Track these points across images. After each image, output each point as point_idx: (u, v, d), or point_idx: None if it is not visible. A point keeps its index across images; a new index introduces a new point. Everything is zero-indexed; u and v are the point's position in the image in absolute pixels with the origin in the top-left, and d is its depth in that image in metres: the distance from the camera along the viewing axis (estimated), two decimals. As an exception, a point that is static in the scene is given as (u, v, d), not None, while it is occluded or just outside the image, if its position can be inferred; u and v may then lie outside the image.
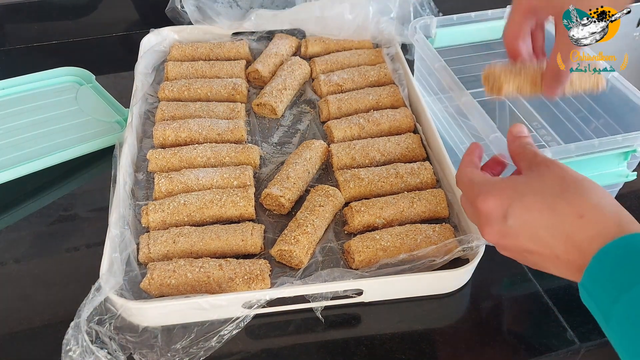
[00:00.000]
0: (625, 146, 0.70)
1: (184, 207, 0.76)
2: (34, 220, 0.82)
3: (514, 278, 0.74)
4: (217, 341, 0.64)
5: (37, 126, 0.93)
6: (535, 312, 0.70)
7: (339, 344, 0.67)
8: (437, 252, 0.70)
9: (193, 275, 0.68)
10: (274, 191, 0.77)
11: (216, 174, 0.81)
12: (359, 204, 0.77)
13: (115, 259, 0.68)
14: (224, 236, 0.73)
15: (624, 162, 0.71)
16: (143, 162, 0.86)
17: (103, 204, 0.78)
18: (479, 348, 0.66)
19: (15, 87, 1.00)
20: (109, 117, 0.95)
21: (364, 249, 0.71)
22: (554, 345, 0.67)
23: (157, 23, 1.10)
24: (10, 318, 0.70)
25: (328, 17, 1.06)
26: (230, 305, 0.65)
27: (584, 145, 0.69)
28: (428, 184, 0.82)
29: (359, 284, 0.67)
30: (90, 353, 0.60)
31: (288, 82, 0.98)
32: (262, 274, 0.69)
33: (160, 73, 1.04)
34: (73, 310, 0.62)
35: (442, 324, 0.69)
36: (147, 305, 0.64)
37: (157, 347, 0.64)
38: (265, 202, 0.79)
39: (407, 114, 0.92)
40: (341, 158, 0.85)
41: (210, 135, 0.88)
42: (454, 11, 0.95)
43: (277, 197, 0.77)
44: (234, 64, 1.02)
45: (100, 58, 1.18)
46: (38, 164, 0.86)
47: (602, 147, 0.69)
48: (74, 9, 1.20)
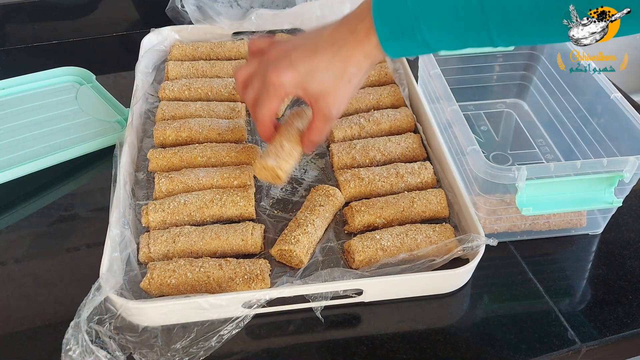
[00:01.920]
0: (610, 170, 0.67)
1: (184, 207, 0.76)
2: (34, 220, 0.82)
3: (514, 277, 0.74)
4: (217, 341, 0.64)
5: (38, 126, 0.93)
6: (535, 312, 0.70)
7: (340, 344, 0.67)
8: (437, 252, 0.70)
9: (193, 275, 0.68)
10: (271, 163, 0.74)
11: (216, 174, 0.81)
12: (359, 203, 0.77)
13: (115, 258, 0.68)
14: (224, 236, 0.73)
15: (610, 187, 0.69)
16: (143, 161, 0.86)
17: (103, 203, 0.78)
18: (480, 347, 0.66)
19: (16, 87, 1.00)
20: (109, 116, 0.95)
21: (364, 248, 0.71)
22: (554, 345, 0.67)
23: (157, 23, 1.10)
24: (11, 317, 0.70)
25: (328, 17, 1.06)
26: (230, 305, 0.65)
27: (563, 166, 0.67)
28: (428, 183, 0.82)
29: (359, 283, 0.67)
30: (90, 353, 0.60)
31: (288, 81, 0.98)
32: (262, 273, 0.69)
33: (161, 72, 1.04)
34: (73, 309, 0.62)
35: (442, 323, 0.69)
36: (147, 305, 0.64)
37: (157, 347, 0.64)
38: (261, 176, 0.76)
39: (407, 113, 0.92)
40: (341, 158, 0.85)
41: (210, 134, 0.88)
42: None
43: (273, 169, 0.74)
44: (234, 64, 1.02)
45: (101, 58, 1.18)
46: (38, 164, 0.86)
47: (584, 169, 0.67)
48: (74, 9, 1.20)
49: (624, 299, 0.72)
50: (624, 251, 0.78)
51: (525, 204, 0.67)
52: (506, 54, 0.95)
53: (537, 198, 0.68)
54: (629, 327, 0.69)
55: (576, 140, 0.85)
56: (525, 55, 0.96)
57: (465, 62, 0.96)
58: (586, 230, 0.79)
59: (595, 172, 0.67)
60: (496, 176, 0.67)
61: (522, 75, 0.98)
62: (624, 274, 0.75)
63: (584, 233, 0.79)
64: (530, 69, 0.97)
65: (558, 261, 0.77)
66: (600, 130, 0.80)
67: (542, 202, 0.68)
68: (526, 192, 0.67)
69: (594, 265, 0.76)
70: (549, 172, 0.67)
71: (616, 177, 0.67)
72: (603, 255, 0.78)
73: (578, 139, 0.85)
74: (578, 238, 0.79)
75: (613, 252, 0.78)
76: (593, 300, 0.72)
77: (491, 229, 0.76)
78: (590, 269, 0.76)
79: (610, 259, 0.77)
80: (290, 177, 0.82)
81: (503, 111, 0.99)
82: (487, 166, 0.67)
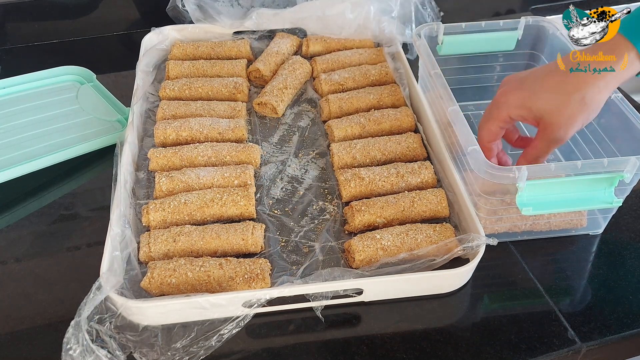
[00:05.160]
0: (611, 170, 0.67)
1: (184, 206, 0.76)
2: (34, 219, 0.82)
3: (514, 277, 0.74)
4: (217, 340, 0.64)
5: (38, 125, 0.94)
6: (536, 312, 0.70)
7: (340, 344, 0.67)
8: (437, 252, 0.70)
9: (193, 274, 0.68)
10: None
11: (217, 173, 0.81)
12: (359, 203, 0.77)
13: (115, 257, 0.69)
14: (225, 235, 0.73)
15: (611, 187, 0.68)
16: (144, 161, 0.86)
17: (104, 203, 0.78)
18: (480, 347, 0.66)
19: (16, 86, 1.00)
20: (109, 116, 0.95)
21: (365, 248, 0.71)
22: (554, 345, 0.67)
23: (158, 22, 1.10)
24: (11, 317, 0.70)
25: (329, 16, 1.06)
26: (231, 304, 0.65)
27: (564, 166, 0.67)
28: (429, 183, 0.82)
29: (359, 283, 0.67)
30: (91, 352, 0.60)
31: (289, 81, 0.98)
32: (262, 273, 0.69)
33: (161, 72, 1.04)
34: (73, 309, 0.62)
35: (442, 323, 0.69)
36: (148, 304, 0.64)
37: (157, 346, 0.64)
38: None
39: (408, 113, 0.92)
40: (342, 157, 0.85)
41: (211, 134, 0.88)
42: (454, 11, 0.95)
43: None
44: (235, 63, 1.02)
45: (101, 57, 1.18)
46: (39, 163, 0.86)
47: (584, 169, 0.67)
48: (74, 8, 1.20)
49: (624, 299, 0.72)
50: (624, 251, 0.78)
51: (525, 204, 0.67)
52: (506, 53, 0.95)
53: (538, 198, 0.68)
54: (629, 327, 0.69)
55: (576, 140, 0.85)
56: (525, 55, 0.96)
57: (466, 62, 0.96)
58: (586, 230, 0.79)
59: (596, 172, 0.67)
60: (496, 176, 0.67)
61: (523, 75, 0.98)
62: (624, 274, 0.75)
63: (584, 233, 0.79)
64: (530, 68, 0.96)
65: (558, 261, 0.77)
66: (601, 130, 0.80)
67: (542, 202, 0.68)
68: (526, 192, 0.67)
69: (595, 266, 0.76)
70: (550, 172, 0.67)
71: (616, 177, 0.67)
72: (603, 256, 0.78)
73: (578, 138, 0.84)
74: (578, 238, 0.79)
75: (613, 252, 0.78)
76: (593, 300, 0.72)
77: (492, 229, 0.76)
78: (591, 269, 0.76)
79: (611, 259, 0.77)
80: (290, 176, 0.83)
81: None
82: (488, 166, 0.67)
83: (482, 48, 0.94)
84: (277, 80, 0.98)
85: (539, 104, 0.60)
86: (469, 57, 0.95)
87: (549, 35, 0.91)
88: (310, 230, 0.78)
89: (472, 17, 0.91)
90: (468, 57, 0.95)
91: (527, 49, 0.95)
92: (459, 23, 0.90)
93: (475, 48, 0.93)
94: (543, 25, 0.92)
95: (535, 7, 1.32)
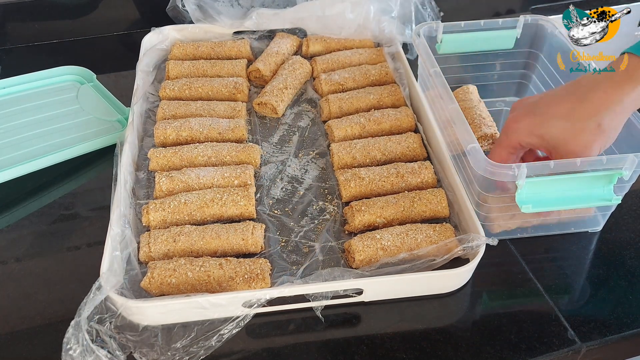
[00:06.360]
0: (610, 168, 0.67)
1: (184, 206, 0.76)
2: (34, 219, 0.82)
3: (514, 277, 0.74)
4: (217, 340, 0.64)
5: (38, 125, 0.93)
6: (535, 311, 0.70)
7: (340, 343, 0.67)
8: (437, 252, 0.70)
9: (193, 274, 0.68)
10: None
11: (217, 173, 0.81)
12: (359, 203, 0.77)
13: (115, 257, 0.69)
14: (225, 235, 0.73)
15: (609, 184, 0.68)
16: (144, 161, 0.86)
17: (104, 202, 0.78)
18: (480, 347, 0.66)
19: (16, 86, 1.00)
20: (109, 116, 0.95)
21: (364, 248, 0.71)
22: (554, 345, 0.67)
23: (158, 22, 1.10)
24: (11, 317, 0.70)
25: (329, 16, 1.06)
26: (231, 304, 0.65)
27: (563, 164, 0.67)
28: (429, 183, 0.82)
29: (359, 283, 0.67)
30: (91, 352, 0.60)
31: (289, 81, 0.98)
32: (262, 273, 0.69)
33: (161, 72, 1.04)
34: (73, 309, 0.62)
35: (442, 323, 0.69)
36: (148, 304, 0.64)
37: (157, 346, 0.64)
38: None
39: (408, 113, 0.92)
40: (342, 157, 0.85)
41: (211, 134, 0.88)
42: (454, 10, 0.95)
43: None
44: (235, 63, 1.02)
45: (101, 57, 1.18)
46: (39, 163, 0.86)
47: (584, 167, 0.66)
48: (74, 8, 1.20)
49: (624, 299, 0.72)
50: (624, 251, 0.78)
51: (525, 202, 0.67)
52: (506, 52, 0.95)
53: (537, 195, 0.68)
54: (629, 327, 0.69)
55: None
56: (525, 55, 0.96)
57: (465, 60, 0.96)
58: (586, 227, 0.79)
59: (595, 170, 0.67)
60: (496, 174, 0.67)
61: (522, 74, 0.98)
62: (624, 274, 0.75)
63: (583, 230, 0.80)
64: (530, 68, 0.97)
65: (558, 261, 0.77)
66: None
67: (541, 199, 0.68)
68: (526, 190, 0.67)
69: (594, 265, 0.77)
70: (549, 169, 0.67)
71: (615, 175, 0.67)
72: (603, 255, 0.78)
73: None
74: (578, 238, 0.79)
75: (613, 252, 0.78)
76: (593, 300, 0.72)
77: (505, 225, 0.76)
78: (591, 269, 0.76)
79: (611, 258, 0.77)
80: (290, 176, 0.83)
81: (503, 110, 0.99)
82: (487, 164, 0.67)
83: (481, 47, 0.94)
84: (277, 80, 0.98)
85: (552, 131, 0.59)
86: (468, 55, 0.95)
87: (548, 33, 0.91)
88: (310, 230, 0.78)
89: (472, 17, 0.91)
90: (467, 56, 0.95)
91: (526, 48, 0.95)
92: (458, 22, 0.90)
93: (475, 47, 0.94)
94: (542, 24, 0.92)
95: (535, 7, 1.32)
